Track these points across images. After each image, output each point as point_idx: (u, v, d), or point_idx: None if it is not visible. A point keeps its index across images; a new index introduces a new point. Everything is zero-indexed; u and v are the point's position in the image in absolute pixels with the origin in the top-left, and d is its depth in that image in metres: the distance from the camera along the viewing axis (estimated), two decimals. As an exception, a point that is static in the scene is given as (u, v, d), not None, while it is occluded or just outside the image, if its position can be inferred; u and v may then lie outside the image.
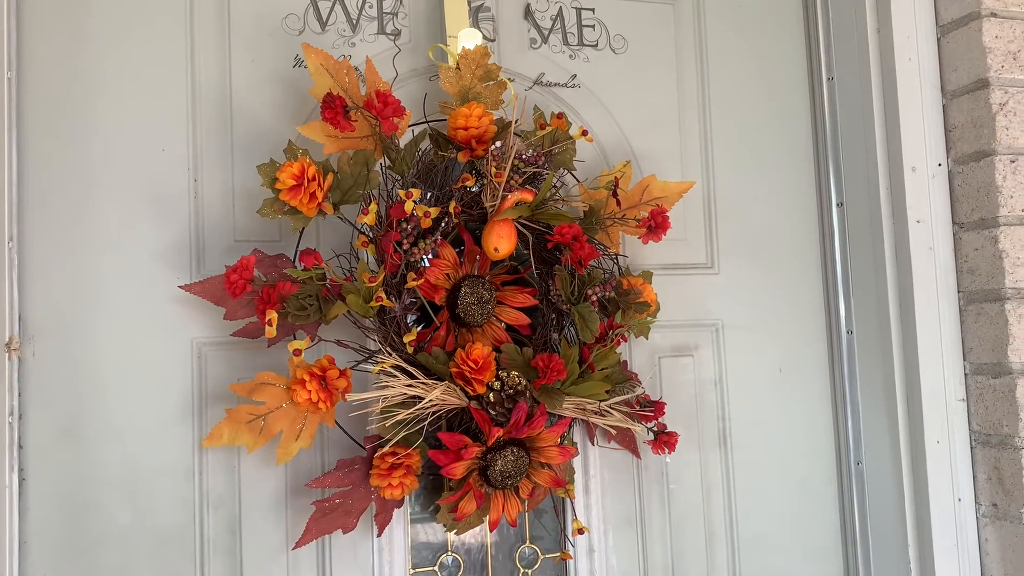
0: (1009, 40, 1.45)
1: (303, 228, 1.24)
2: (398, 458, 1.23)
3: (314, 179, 1.18)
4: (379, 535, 1.31)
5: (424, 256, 1.27)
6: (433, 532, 1.43)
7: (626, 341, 1.45)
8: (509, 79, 1.40)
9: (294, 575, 1.33)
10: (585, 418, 1.34)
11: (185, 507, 1.29)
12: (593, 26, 1.55)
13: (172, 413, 1.30)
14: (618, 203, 1.36)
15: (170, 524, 1.29)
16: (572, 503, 1.42)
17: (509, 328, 1.38)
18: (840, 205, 1.61)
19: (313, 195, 1.19)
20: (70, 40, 1.31)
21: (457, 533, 1.37)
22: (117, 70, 1.32)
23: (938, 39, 1.52)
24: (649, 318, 1.41)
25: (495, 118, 1.30)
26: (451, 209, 1.27)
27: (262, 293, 1.17)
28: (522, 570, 1.45)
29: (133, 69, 1.33)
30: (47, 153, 1.28)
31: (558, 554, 1.44)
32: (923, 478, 1.46)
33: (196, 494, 1.30)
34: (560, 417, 1.31)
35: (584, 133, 1.38)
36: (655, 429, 1.40)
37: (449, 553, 1.42)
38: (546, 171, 1.34)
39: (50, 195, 1.28)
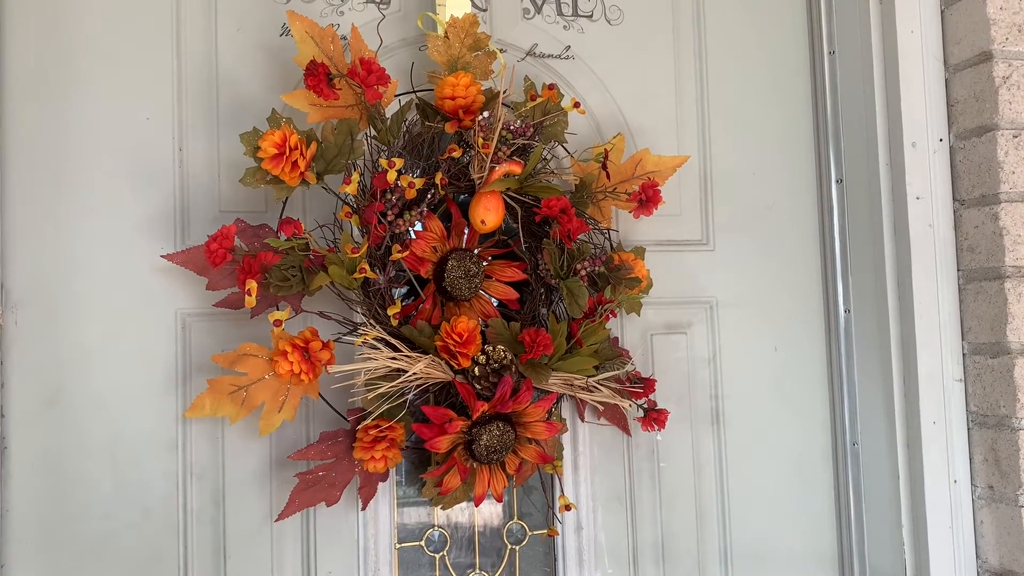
0: (1014, 12, 1.41)
1: (286, 198, 1.23)
2: (381, 431, 1.22)
3: (296, 148, 1.17)
4: (363, 509, 1.30)
5: (410, 228, 1.25)
6: (420, 508, 1.41)
7: (616, 317, 1.42)
8: (500, 50, 1.37)
9: (278, 548, 1.33)
10: (572, 394, 1.33)
11: (168, 478, 1.29)
12: (588, -4, 1.52)
13: (156, 383, 1.29)
14: (608, 176, 1.33)
15: (153, 494, 1.28)
16: (560, 480, 1.41)
17: (500, 304, 1.36)
18: (840, 181, 1.57)
19: (295, 164, 1.17)
20: (53, 6, 1.29)
21: (443, 508, 1.36)
22: (101, 36, 1.31)
23: (941, 11, 1.48)
24: (641, 294, 1.39)
25: (484, 88, 1.28)
26: (438, 180, 1.25)
27: (243, 263, 1.16)
28: (509, 546, 1.44)
29: (118, 36, 1.31)
30: (29, 120, 1.27)
31: (545, 531, 1.43)
32: (919, 459, 1.43)
33: (180, 465, 1.30)
34: (547, 392, 1.30)
35: (576, 105, 1.35)
36: (645, 406, 1.39)
37: (436, 528, 1.42)
38: (535, 143, 1.31)
39: (33, 163, 1.27)
